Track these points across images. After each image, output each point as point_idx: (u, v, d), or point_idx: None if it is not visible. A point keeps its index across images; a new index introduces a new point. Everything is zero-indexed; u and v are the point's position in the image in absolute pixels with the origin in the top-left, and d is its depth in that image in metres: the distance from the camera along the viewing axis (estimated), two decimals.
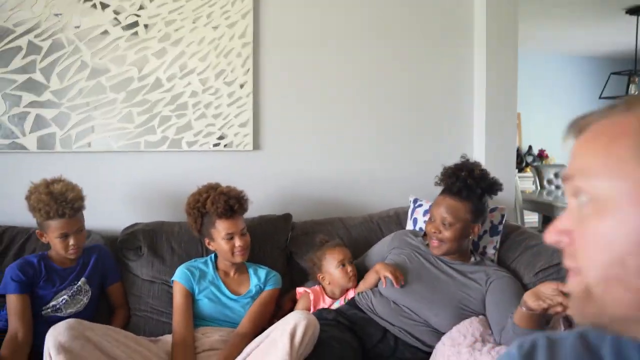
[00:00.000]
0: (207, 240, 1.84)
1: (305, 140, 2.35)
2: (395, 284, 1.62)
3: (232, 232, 1.75)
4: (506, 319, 1.43)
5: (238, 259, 1.78)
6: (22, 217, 1.86)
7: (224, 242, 1.76)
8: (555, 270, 1.66)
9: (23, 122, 2.10)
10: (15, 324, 1.61)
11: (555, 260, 1.67)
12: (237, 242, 1.76)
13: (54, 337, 1.31)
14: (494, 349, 1.36)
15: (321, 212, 2.31)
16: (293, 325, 1.37)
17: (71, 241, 1.73)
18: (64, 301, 1.75)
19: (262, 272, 1.87)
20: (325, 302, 1.83)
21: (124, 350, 1.43)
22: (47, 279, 1.74)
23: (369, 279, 1.75)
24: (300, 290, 1.91)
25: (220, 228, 1.76)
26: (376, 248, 1.94)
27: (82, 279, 1.80)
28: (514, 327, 1.36)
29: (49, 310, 1.73)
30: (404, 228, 2.12)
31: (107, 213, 2.15)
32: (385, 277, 1.65)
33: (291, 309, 1.89)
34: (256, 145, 2.30)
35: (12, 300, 1.65)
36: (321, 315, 1.65)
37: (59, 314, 1.73)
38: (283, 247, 2.12)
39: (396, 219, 2.18)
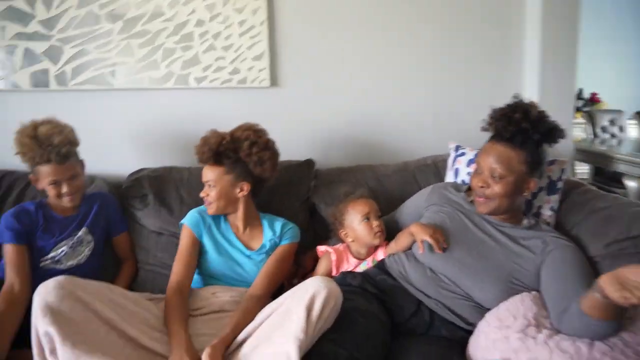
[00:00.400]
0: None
1: (331, 75, 2.03)
2: (436, 248, 1.37)
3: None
4: (567, 300, 1.17)
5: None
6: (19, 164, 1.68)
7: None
8: (633, 244, 1.36)
9: (11, 56, 1.86)
10: (11, 276, 1.49)
11: (635, 230, 1.36)
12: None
13: (42, 296, 1.16)
14: (551, 339, 1.10)
15: (348, 159, 2.04)
16: (311, 294, 1.17)
17: (64, 189, 1.56)
18: (63, 252, 1.60)
19: (278, 224, 1.65)
20: (350, 264, 1.62)
21: (119, 312, 1.26)
22: (45, 229, 1.60)
23: (402, 240, 1.51)
24: (321, 249, 1.70)
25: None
26: (410, 203, 1.68)
27: (83, 229, 1.64)
28: (581, 317, 1.10)
29: (47, 262, 1.59)
30: (443, 180, 1.84)
31: (111, 157, 1.95)
32: (422, 241, 1.40)
33: (314, 269, 1.70)
34: (273, 82, 2.01)
35: (8, 250, 1.52)
36: (345, 280, 1.44)
37: (58, 267, 1.59)
38: (304, 198, 1.89)
39: (434, 169, 1.89)
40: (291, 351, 1.08)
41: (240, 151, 1.56)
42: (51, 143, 1.51)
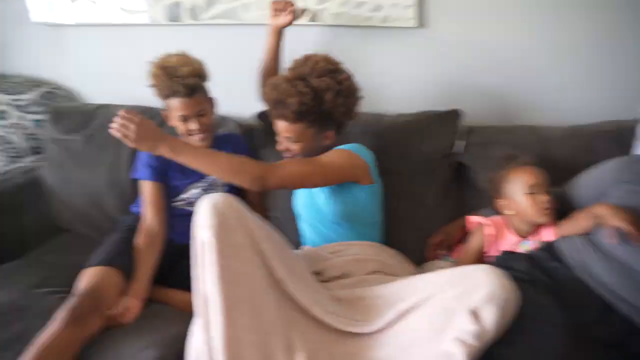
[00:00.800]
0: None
1: (493, 15, 1.67)
2: (635, 240, 1.05)
3: None
4: None
5: None
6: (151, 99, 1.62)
7: None
8: None
9: None
10: (150, 215, 1.49)
11: None
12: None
13: (210, 200, 1.07)
14: None
15: (506, 117, 1.72)
16: (482, 298, 0.93)
17: (192, 125, 1.48)
18: (196, 195, 1.54)
19: None
20: (508, 241, 1.35)
21: (271, 247, 1.10)
22: (178, 168, 1.51)
23: (581, 221, 1.20)
24: (474, 219, 1.44)
25: None
26: (590, 177, 1.34)
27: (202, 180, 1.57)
28: None
29: (181, 202, 1.56)
30: (629, 153, 1.45)
31: (242, 97, 1.82)
32: (614, 228, 1.09)
33: (461, 241, 1.47)
34: (421, 21, 1.71)
35: (146, 188, 1.52)
36: (507, 262, 1.18)
37: (191, 209, 1.52)
38: (447, 152, 1.62)
39: (618, 137, 1.49)
40: None
41: (324, 104, 1.36)
42: (179, 74, 1.43)
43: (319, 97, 1.35)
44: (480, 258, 1.38)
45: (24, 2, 1.94)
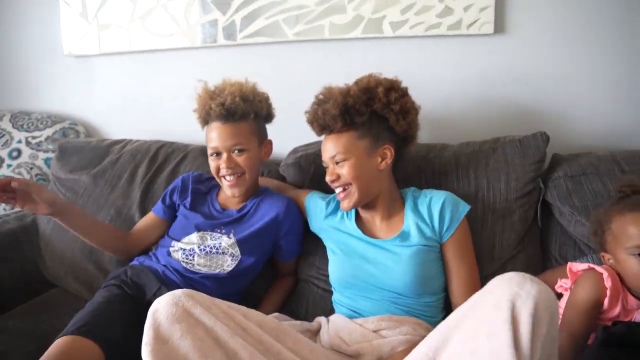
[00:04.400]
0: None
1: (580, 24, 1.35)
2: None
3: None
4: None
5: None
6: (182, 133, 1.45)
7: None
8: None
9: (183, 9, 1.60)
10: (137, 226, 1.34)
11: None
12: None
13: (152, 313, 0.85)
14: None
15: (602, 143, 1.35)
16: (509, 299, 0.73)
17: (222, 162, 1.16)
18: (192, 252, 1.20)
19: (425, 199, 1.14)
20: (628, 305, 0.93)
21: (249, 344, 0.85)
22: (194, 201, 1.29)
23: None
24: (578, 266, 1.02)
25: None
26: None
27: (230, 237, 1.21)
28: None
29: (177, 250, 1.21)
30: None
31: (291, 132, 1.52)
32: None
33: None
34: (499, 27, 1.41)
35: (150, 216, 1.35)
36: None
37: (190, 267, 1.19)
38: (528, 189, 1.23)
39: None
40: None
41: (375, 102, 1.06)
42: (221, 94, 1.16)
43: (367, 92, 1.08)
44: (593, 316, 0.95)
45: (59, 35, 1.79)
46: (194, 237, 1.21)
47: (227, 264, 1.19)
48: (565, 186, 1.21)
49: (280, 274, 1.34)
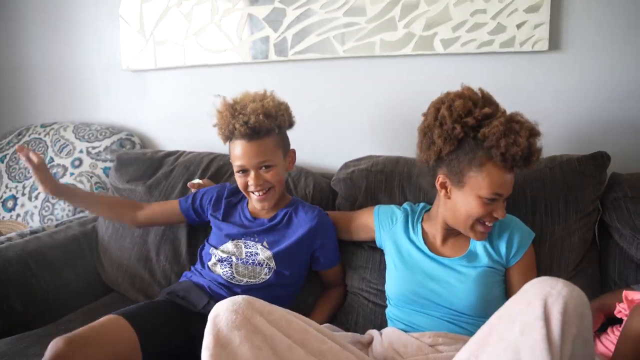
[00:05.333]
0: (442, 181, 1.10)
1: None
2: None
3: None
4: None
5: None
6: None
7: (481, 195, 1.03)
8: None
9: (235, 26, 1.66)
10: (152, 206, 1.42)
11: None
12: None
13: (212, 319, 0.87)
14: None
15: None
16: (542, 297, 0.75)
17: (250, 179, 1.19)
18: (230, 261, 1.24)
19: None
20: None
21: (310, 354, 0.87)
22: (226, 213, 1.33)
23: None
24: (635, 296, 0.99)
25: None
26: None
27: (264, 246, 1.24)
28: None
29: (215, 262, 1.26)
30: None
31: (330, 146, 1.55)
32: None
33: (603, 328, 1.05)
34: (554, 44, 1.38)
35: (172, 202, 1.42)
36: None
37: (232, 280, 1.23)
38: (588, 210, 1.21)
39: None
40: None
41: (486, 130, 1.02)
42: (244, 111, 1.16)
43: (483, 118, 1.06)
44: None
45: (118, 51, 1.88)
46: (229, 245, 1.26)
47: (265, 273, 1.23)
48: (626, 207, 1.18)
49: (326, 284, 1.37)
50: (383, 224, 1.25)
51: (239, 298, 0.89)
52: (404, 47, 1.49)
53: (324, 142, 1.33)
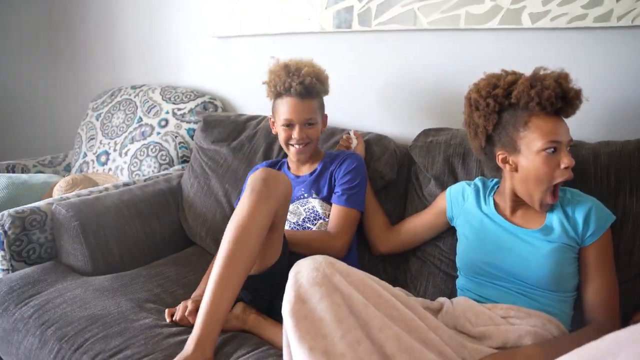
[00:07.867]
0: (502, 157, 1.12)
1: None
2: None
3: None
4: None
5: None
6: None
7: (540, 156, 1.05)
8: None
9: None
10: None
11: None
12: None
13: (295, 277, 0.93)
14: None
15: None
16: None
17: (295, 133, 1.32)
18: (291, 224, 1.36)
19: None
20: None
21: (384, 315, 0.89)
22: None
23: None
24: None
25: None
26: None
27: (314, 197, 1.35)
28: None
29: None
30: None
31: (405, 117, 1.57)
32: None
33: None
34: None
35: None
36: None
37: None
38: None
39: None
40: None
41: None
42: (298, 72, 1.31)
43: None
44: None
45: (205, 18, 1.98)
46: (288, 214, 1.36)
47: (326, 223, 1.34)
48: None
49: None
50: (455, 202, 1.27)
51: (320, 257, 0.94)
52: (489, 20, 1.46)
53: (405, 114, 1.36)
